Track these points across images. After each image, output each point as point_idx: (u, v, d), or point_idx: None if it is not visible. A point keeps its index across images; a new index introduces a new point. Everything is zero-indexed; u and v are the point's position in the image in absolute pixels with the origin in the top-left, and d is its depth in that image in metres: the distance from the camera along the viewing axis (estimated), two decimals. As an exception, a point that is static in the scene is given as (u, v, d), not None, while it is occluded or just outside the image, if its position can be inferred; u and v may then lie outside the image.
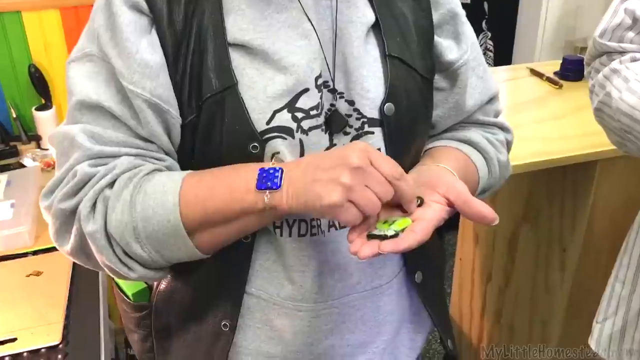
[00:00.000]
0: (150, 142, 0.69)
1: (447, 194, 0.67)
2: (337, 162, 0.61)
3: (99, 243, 0.65)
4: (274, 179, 0.63)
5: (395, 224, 0.63)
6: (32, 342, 0.95)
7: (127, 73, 0.65)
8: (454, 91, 0.80)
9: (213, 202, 0.65)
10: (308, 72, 0.69)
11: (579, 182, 1.31)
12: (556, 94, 1.61)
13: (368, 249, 0.60)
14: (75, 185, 0.66)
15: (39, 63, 1.68)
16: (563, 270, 1.39)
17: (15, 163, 1.59)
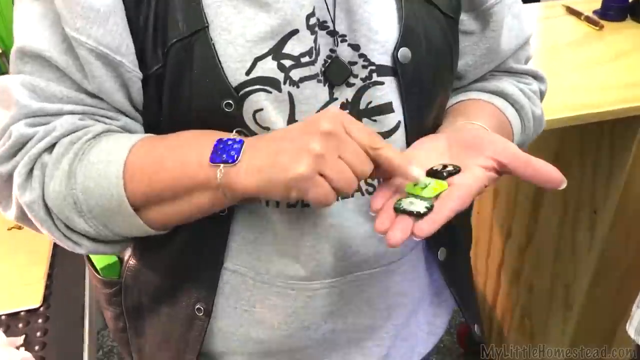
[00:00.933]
0: (100, 99, 0.59)
1: (497, 156, 0.55)
2: (306, 128, 0.52)
3: (37, 215, 0.58)
4: (231, 152, 0.53)
5: (428, 188, 0.52)
6: (10, 304, 0.88)
7: (70, 18, 0.55)
8: (487, 34, 0.69)
9: (161, 176, 0.56)
10: (297, 9, 0.57)
11: (617, 138, 1.18)
12: (595, 36, 1.45)
13: (399, 233, 0.50)
14: (10, 148, 0.58)
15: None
16: (592, 234, 1.29)
17: None
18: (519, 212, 1.57)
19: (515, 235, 1.62)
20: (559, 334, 1.48)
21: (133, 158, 0.56)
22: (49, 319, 0.86)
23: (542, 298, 1.53)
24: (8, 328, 0.84)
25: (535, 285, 1.56)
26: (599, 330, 1.42)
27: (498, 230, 1.69)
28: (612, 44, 1.39)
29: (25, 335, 0.83)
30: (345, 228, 0.63)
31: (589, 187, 1.28)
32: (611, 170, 1.20)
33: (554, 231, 1.43)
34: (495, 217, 1.70)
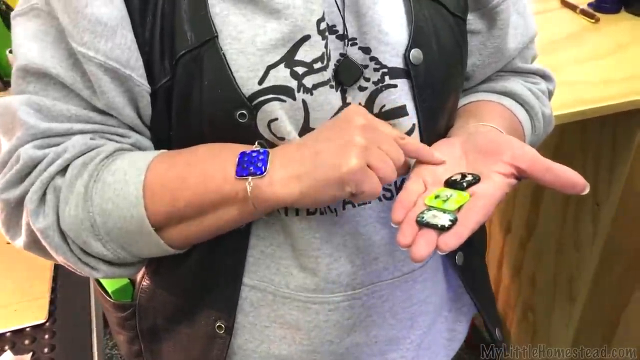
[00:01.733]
0: (110, 116, 0.58)
1: (516, 161, 0.54)
2: (341, 125, 0.52)
3: (52, 241, 0.56)
4: (257, 163, 0.53)
5: (451, 200, 0.51)
6: (15, 321, 0.87)
7: (76, 32, 0.54)
8: (494, 34, 0.68)
9: (184, 194, 0.55)
10: (307, 15, 0.56)
11: (619, 131, 1.18)
12: (592, 29, 1.44)
13: (424, 247, 0.48)
14: (18, 172, 0.56)
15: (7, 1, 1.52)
16: (595, 227, 1.30)
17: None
18: (518, 206, 1.58)
19: (515, 230, 1.62)
20: (563, 327, 1.49)
21: (152, 176, 0.55)
22: (55, 334, 0.85)
23: (545, 292, 1.54)
24: (14, 345, 0.83)
25: (538, 279, 1.56)
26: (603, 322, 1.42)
27: (498, 224, 1.70)
28: (610, 37, 1.39)
29: (33, 353, 0.81)
30: (363, 235, 0.62)
31: (591, 180, 1.28)
32: (613, 164, 1.20)
33: (556, 224, 1.43)
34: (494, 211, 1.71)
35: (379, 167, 0.51)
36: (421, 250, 0.48)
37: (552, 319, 1.53)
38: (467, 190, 0.53)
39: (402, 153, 0.54)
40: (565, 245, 1.41)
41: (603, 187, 1.24)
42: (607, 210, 1.23)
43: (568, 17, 1.51)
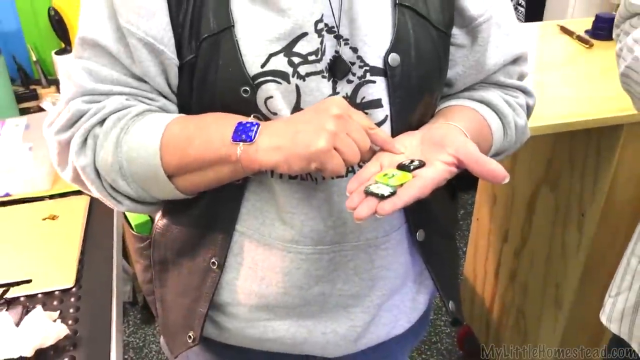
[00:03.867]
0: (144, 82, 0.71)
1: (456, 153, 0.64)
2: (319, 113, 0.62)
3: (89, 176, 0.70)
4: (249, 132, 0.64)
5: (395, 178, 0.61)
6: (46, 284, 0.97)
7: (124, 12, 0.67)
8: (475, 49, 0.77)
9: (191, 151, 0.67)
10: (307, 16, 0.67)
11: (603, 146, 1.27)
12: (586, 53, 1.55)
13: (365, 209, 0.59)
14: (68, 120, 0.70)
15: (58, 6, 1.67)
16: (580, 235, 1.37)
17: (35, 106, 1.61)
18: (514, 217, 1.65)
19: (511, 240, 1.69)
20: (550, 332, 1.55)
21: (168, 135, 0.67)
22: (80, 298, 0.95)
23: (535, 298, 1.60)
24: (44, 305, 0.93)
25: (530, 285, 1.63)
26: (588, 326, 1.48)
27: (495, 235, 1.77)
28: (601, 60, 1.49)
29: (60, 311, 0.91)
30: (335, 202, 0.72)
31: (577, 191, 1.35)
32: (597, 175, 1.28)
33: (547, 233, 1.51)
34: (493, 223, 1.78)
35: (344, 150, 0.60)
36: (362, 211, 0.58)
37: (540, 324, 1.59)
38: (412, 172, 0.63)
39: (368, 141, 0.63)
40: (554, 253, 1.48)
41: (588, 197, 1.31)
42: (591, 219, 1.31)
43: (565, 42, 1.62)
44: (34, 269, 1.00)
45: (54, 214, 1.16)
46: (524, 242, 1.62)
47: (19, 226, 1.12)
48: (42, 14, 1.66)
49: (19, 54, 1.67)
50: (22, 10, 1.66)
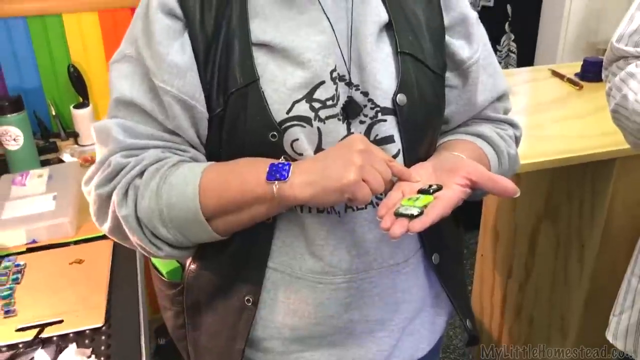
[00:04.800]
0: (176, 135, 0.77)
1: (470, 175, 0.72)
2: (345, 149, 0.70)
3: (130, 225, 0.74)
4: (282, 172, 0.70)
5: (419, 200, 0.69)
6: (77, 324, 1.01)
7: (159, 73, 0.73)
8: (466, 88, 0.86)
9: (228, 193, 0.73)
10: (324, 67, 0.75)
11: (597, 179, 1.34)
12: (576, 94, 1.65)
13: (398, 228, 0.66)
14: (109, 174, 0.75)
15: (77, 63, 1.76)
16: (581, 266, 1.42)
17: (55, 158, 1.67)
18: (517, 252, 1.71)
19: (515, 274, 1.75)
20: None
21: (205, 180, 0.73)
22: (111, 336, 0.99)
23: (542, 329, 1.64)
24: (77, 343, 0.96)
25: (535, 318, 1.67)
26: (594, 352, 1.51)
27: (500, 270, 1.82)
28: (590, 101, 1.58)
29: (92, 349, 0.95)
30: (358, 233, 0.79)
31: (576, 223, 1.42)
32: (594, 207, 1.35)
33: (549, 266, 1.56)
34: (497, 258, 1.83)
35: (370, 181, 0.67)
36: (396, 230, 0.65)
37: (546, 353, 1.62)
38: (432, 195, 0.71)
39: (389, 172, 0.70)
40: (557, 284, 1.53)
41: (586, 229, 1.38)
42: (591, 250, 1.37)
43: (556, 84, 1.72)
44: (65, 309, 1.04)
45: (80, 258, 1.21)
46: (527, 276, 1.67)
47: (48, 270, 1.17)
48: (61, 70, 1.75)
49: (39, 109, 1.75)
50: (43, 67, 1.75)
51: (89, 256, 1.21)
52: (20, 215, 1.30)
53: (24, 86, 1.73)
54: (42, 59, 1.74)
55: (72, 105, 1.76)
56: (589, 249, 1.38)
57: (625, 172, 1.30)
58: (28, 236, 1.27)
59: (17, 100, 1.53)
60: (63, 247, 1.26)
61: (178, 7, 0.74)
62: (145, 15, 0.76)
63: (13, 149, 1.55)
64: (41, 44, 1.72)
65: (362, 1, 0.78)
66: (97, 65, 1.80)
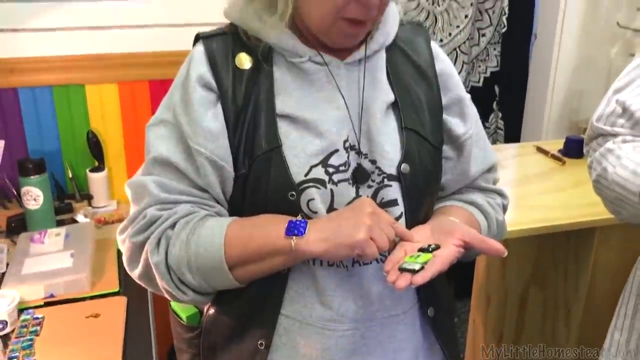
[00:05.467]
0: (206, 192, 0.86)
1: (464, 237, 0.83)
2: (356, 211, 0.80)
3: (160, 271, 0.83)
4: (300, 228, 0.80)
5: (420, 257, 0.79)
6: None
7: (194, 137, 0.84)
8: (461, 160, 0.97)
9: (250, 245, 0.82)
10: (338, 137, 0.86)
11: (580, 247, 1.44)
12: (559, 169, 1.78)
13: (403, 281, 0.76)
14: (144, 225, 0.84)
15: (96, 129, 1.88)
16: (568, 329, 1.50)
17: (69, 219, 1.75)
18: (508, 317, 1.78)
19: (506, 338, 1.81)
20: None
21: (230, 232, 0.82)
22: (126, 389, 1.05)
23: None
24: None
25: (527, 381, 1.73)
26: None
27: (491, 334, 1.88)
28: (572, 175, 1.72)
29: None
30: (364, 285, 0.88)
31: (562, 288, 1.51)
32: (578, 273, 1.44)
33: (538, 329, 1.63)
34: (488, 323, 1.90)
35: (377, 239, 0.76)
36: (401, 283, 0.75)
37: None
38: (432, 253, 0.81)
39: (392, 231, 0.79)
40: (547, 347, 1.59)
41: (572, 294, 1.46)
42: (576, 314, 1.45)
43: (541, 159, 1.85)
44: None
45: (96, 312, 1.27)
46: (518, 339, 1.74)
47: (65, 323, 1.23)
48: (80, 135, 1.86)
49: (57, 171, 1.85)
50: (64, 132, 1.86)
51: (105, 311, 1.28)
52: (39, 271, 1.38)
53: (45, 149, 1.84)
54: (63, 124, 1.86)
55: (88, 168, 1.86)
56: (574, 313, 1.47)
57: (605, 240, 1.41)
58: (46, 291, 1.33)
59: (40, 163, 1.63)
60: (79, 302, 1.32)
61: (213, 81, 0.86)
62: (183, 86, 0.87)
63: (33, 209, 1.64)
64: (64, 111, 1.85)
65: (372, 83, 0.91)
66: (114, 132, 1.92)
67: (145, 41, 1.87)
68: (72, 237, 1.54)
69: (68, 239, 1.53)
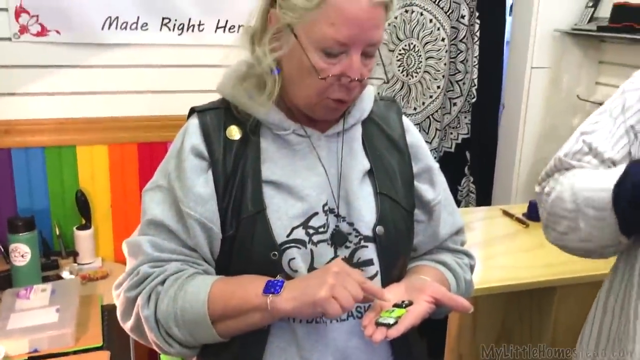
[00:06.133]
0: (195, 252, 0.94)
1: (434, 294, 0.91)
2: (324, 271, 0.87)
3: (150, 325, 0.90)
4: (276, 287, 0.87)
5: (394, 312, 0.88)
6: None
7: (186, 200, 0.92)
8: (431, 223, 1.06)
9: (231, 302, 0.88)
10: (318, 201, 0.95)
11: (542, 304, 1.54)
12: (524, 231, 1.90)
13: (379, 335, 0.84)
14: (137, 281, 0.91)
15: (85, 189, 1.95)
16: (535, 384, 1.57)
17: (54, 275, 1.80)
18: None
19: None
20: None
21: (214, 290, 0.89)
22: None
23: None
24: None
25: None
26: None
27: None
28: (535, 237, 1.82)
29: None
30: (342, 340, 0.94)
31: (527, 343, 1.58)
32: (541, 329, 1.53)
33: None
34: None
35: (340, 298, 0.81)
36: (377, 336, 0.83)
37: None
38: (405, 308, 0.89)
39: (360, 291, 0.83)
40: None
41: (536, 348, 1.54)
42: (541, 368, 1.53)
43: (506, 222, 1.97)
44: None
45: (80, 366, 1.32)
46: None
47: (50, 376, 1.28)
48: (70, 194, 1.93)
49: (44, 228, 1.90)
50: (53, 191, 1.93)
51: (88, 365, 1.32)
52: (24, 326, 1.42)
53: (34, 207, 1.91)
54: (53, 184, 1.93)
55: (75, 226, 1.93)
56: (539, 368, 1.54)
57: (565, 298, 1.51)
58: (30, 345, 1.37)
59: (29, 221, 1.69)
60: (63, 357, 1.36)
61: (205, 151, 0.95)
62: (178, 155, 0.96)
63: (19, 265, 1.69)
64: (55, 171, 1.93)
65: (350, 153, 1.00)
66: (102, 191, 1.99)
67: (135, 106, 1.98)
68: (57, 293, 1.59)
69: (54, 295, 1.58)
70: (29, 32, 1.82)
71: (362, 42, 0.89)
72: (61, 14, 1.82)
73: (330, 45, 0.88)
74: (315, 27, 0.88)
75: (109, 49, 1.91)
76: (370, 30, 0.88)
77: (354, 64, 0.89)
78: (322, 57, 0.89)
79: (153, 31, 1.93)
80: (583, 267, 1.54)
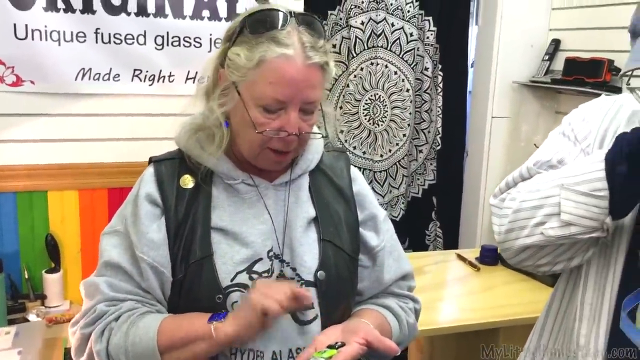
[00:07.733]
0: (148, 293, 1.00)
1: (366, 336, 0.97)
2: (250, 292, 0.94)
3: (101, 358, 0.95)
4: (220, 316, 0.94)
5: (326, 352, 0.94)
6: None
7: (140, 245, 0.99)
8: (375, 269, 1.12)
9: (178, 333, 0.95)
10: (262, 248, 1.02)
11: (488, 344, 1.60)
12: (474, 274, 1.98)
13: None
14: (93, 319, 0.97)
15: (55, 233, 2.01)
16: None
17: (21, 318, 1.83)
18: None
19: None
20: None
21: (163, 324, 0.96)
22: None
23: None
24: None
25: None
26: None
27: None
28: (485, 280, 1.91)
29: None
30: None
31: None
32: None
33: None
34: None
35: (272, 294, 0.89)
36: None
37: None
38: (337, 349, 0.95)
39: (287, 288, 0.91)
40: None
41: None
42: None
43: (460, 266, 2.05)
44: None
45: (38, 406, 1.37)
46: None
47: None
48: (39, 238, 1.98)
49: (13, 271, 1.94)
50: (23, 235, 1.98)
51: (47, 406, 1.37)
52: (-14, 368, 1.47)
53: (4, 250, 1.95)
54: (24, 227, 1.98)
55: (44, 269, 1.97)
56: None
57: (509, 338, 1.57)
58: (-9, 387, 1.42)
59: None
60: (23, 398, 1.41)
61: (159, 198, 1.02)
62: (134, 202, 1.03)
63: (-14, 307, 1.73)
64: (25, 215, 1.98)
65: (296, 202, 1.07)
66: (72, 236, 2.05)
67: (107, 152, 2.06)
68: (21, 336, 1.64)
69: (17, 337, 1.62)
70: (4, 82, 1.90)
71: (298, 100, 0.97)
72: (36, 65, 1.91)
73: (268, 102, 0.96)
74: (255, 85, 0.96)
75: (82, 98, 2.00)
76: (306, 89, 0.97)
77: (291, 119, 0.97)
78: (261, 112, 0.97)
79: (125, 82, 2.02)
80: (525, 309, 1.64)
